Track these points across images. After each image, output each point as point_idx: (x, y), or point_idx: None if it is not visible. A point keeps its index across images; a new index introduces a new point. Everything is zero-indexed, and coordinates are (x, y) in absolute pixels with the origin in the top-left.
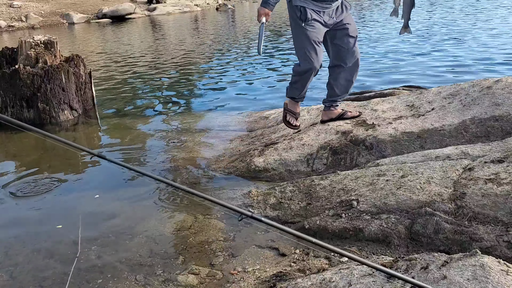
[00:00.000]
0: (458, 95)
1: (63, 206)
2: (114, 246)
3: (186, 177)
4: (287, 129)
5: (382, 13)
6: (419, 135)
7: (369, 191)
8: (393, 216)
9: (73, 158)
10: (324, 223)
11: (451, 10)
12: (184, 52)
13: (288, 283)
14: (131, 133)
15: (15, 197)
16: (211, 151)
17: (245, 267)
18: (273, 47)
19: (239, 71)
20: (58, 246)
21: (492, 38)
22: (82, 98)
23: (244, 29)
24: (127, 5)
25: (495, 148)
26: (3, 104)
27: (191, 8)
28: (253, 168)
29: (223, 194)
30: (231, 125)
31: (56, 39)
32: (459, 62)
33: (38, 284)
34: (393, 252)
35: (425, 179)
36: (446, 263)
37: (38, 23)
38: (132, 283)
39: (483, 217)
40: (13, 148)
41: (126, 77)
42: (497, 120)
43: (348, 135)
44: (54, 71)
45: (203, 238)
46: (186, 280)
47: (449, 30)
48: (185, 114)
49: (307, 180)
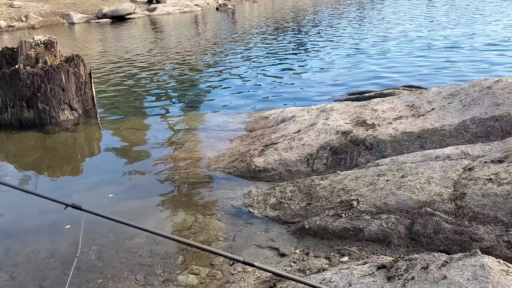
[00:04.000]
0: (458, 95)
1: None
2: (114, 246)
3: (186, 177)
4: (287, 129)
5: (382, 13)
6: (419, 135)
7: (369, 191)
8: (393, 216)
9: (73, 158)
10: (324, 223)
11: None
12: (184, 52)
13: (288, 283)
14: (131, 132)
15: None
16: (211, 151)
17: (245, 267)
18: (273, 47)
19: (239, 71)
20: (58, 246)
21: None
22: (82, 98)
23: (244, 29)
24: (127, 5)
25: (495, 148)
26: (3, 104)
27: (191, 8)
28: (253, 168)
29: (223, 194)
30: (231, 125)
31: (56, 39)
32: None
33: (38, 284)
34: (393, 252)
35: (425, 179)
36: (446, 263)
37: (38, 23)
38: (132, 283)
39: (483, 217)
40: (13, 148)
41: (126, 77)
42: (497, 120)
43: (348, 135)
44: (54, 71)
45: (203, 238)
46: (186, 280)
47: (449, 30)
48: (185, 114)
49: (307, 180)
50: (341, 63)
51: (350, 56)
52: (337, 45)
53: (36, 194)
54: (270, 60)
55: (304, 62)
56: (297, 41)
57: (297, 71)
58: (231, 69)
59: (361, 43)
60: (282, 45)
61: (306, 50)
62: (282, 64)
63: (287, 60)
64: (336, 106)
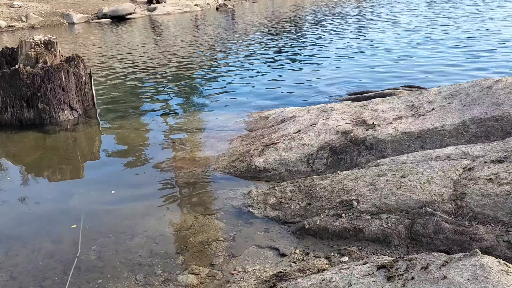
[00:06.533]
0: (458, 95)
1: (64, 205)
2: (114, 246)
3: (186, 177)
4: (287, 129)
5: (383, 13)
6: (419, 135)
7: (369, 191)
8: (393, 216)
9: (73, 158)
10: (324, 223)
11: (451, 9)
12: (184, 52)
13: (288, 283)
14: (131, 133)
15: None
16: (211, 151)
17: (245, 267)
18: (273, 47)
19: (239, 71)
20: (58, 246)
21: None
22: (82, 98)
23: (244, 29)
24: (127, 5)
25: (495, 148)
26: (3, 104)
27: (191, 8)
28: (253, 168)
29: (223, 194)
30: (231, 125)
31: (56, 39)
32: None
33: (38, 284)
34: (393, 252)
35: (425, 179)
36: (446, 263)
37: (38, 23)
38: (132, 283)
39: (483, 217)
40: (13, 148)
41: (126, 77)
42: (497, 120)
43: (348, 135)
44: (54, 71)
45: (203, 238)
46: (186, 280)
47: (449, 30)
48: (185, 114)
49: (307, 180)
50: (341, 63)
51: (350, 56)
52: (337, 45)
53: None
54: (270, 60)
55: (304, 62)
56: (297, 41)
57: (297, 71)
58: (231, 69)
59: (361, 43)
60: (282, 45)
61: (306, 50)
62: (282, 64)
63: (287, 60)
64: (336, 106)
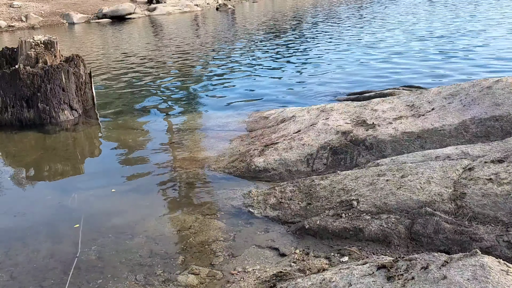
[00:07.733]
0: (458, 95)
1: (64, 205)
2: (114, 246)
3: (186, 177)
4: (287, 129)
5: (383, 13)
6: (419, 135)
7: (369, 191)
8: (393, 216)
9: (73, 158)
10: (324, 223)
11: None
12: (184, 52)
13: (288, 283)
14: (131, 133)
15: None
16: (211, 151)
17: (245, 267)
18: (273, 47)
19: (239, 71)
20: (58, 246)
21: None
22: (82, 98)
23: (244, 29)
24: (127, 5)
25: (495, 148)
26: (3, 104)
27: (191, 8)
28: (253, 168)
29: (223, 194)
30: (231, 125)
31: (56, 39)
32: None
33: (38, 284)
34: (393, 252)
35: (425, 179)
36: (446, 263)
37: (38, 23)
38: (132, 283)
39: (483, 217)
40: (13, 148)
41: (126, 77)
42: (497, 120)
43: (348, 135)
44: (54, 71)
45: (203, 238)
46: (186, 280)
47: (449, 30)
48: (185, 114)
49: (307, 180)
50: (341, 63)
51: (350, 56)
52: (337, 45)
53: None
54: (270, 60)
55: (304, 62)
56: (297, 41)
57: (297, 71)
58: (231, 69)
59: (361, 43)
60: (282, 45)
61: (306, 50)
62: (282, 64)
63: (287, 60)
64: (336, 106)
